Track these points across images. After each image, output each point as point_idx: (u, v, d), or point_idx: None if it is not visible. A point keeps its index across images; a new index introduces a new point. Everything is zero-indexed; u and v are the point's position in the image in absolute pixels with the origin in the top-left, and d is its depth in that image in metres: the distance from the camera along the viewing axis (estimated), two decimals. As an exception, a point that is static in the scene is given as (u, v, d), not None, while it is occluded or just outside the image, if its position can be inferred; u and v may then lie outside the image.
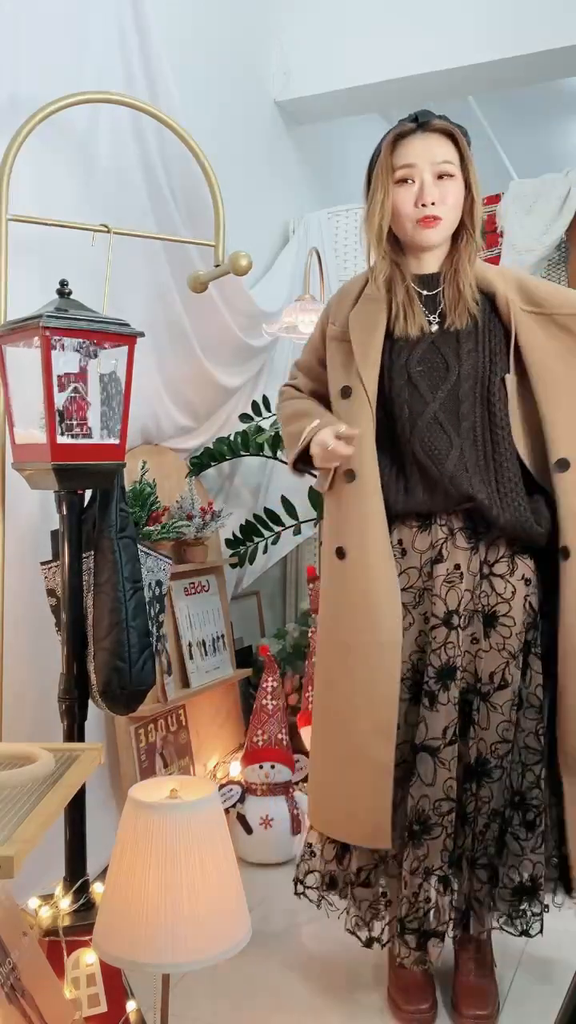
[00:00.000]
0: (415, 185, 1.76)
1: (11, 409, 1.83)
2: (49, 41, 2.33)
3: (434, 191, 1.75)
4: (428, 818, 1.75)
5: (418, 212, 1.76)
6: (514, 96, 4.45)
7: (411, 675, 1.81)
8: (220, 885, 1.28)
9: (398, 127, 1.79)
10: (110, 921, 1.28)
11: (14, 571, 2.15)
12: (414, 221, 1.77)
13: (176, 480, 3.01)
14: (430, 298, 1.83)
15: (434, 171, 1.75)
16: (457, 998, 1.84)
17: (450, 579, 1.77)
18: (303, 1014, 1.87)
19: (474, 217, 1.81)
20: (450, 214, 1.78)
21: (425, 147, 1.75)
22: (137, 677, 1.79)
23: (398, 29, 3.49)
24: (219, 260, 2.50)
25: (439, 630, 1.77)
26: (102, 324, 1.76)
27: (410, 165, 1.76)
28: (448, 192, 1.76)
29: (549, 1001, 1.87)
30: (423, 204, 1.75)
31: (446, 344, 1.80)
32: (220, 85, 3.29)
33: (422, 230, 1.77)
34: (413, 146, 1.76)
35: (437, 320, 1.81)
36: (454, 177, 1.76)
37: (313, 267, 3.21)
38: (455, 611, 1.77)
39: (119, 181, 2.59)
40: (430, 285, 1.83)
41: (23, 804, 1.17)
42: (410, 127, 1.77)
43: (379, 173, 1.80)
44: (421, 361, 1.79)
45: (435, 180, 1.75)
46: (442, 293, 1.82)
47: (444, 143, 1.76)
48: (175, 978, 1.90)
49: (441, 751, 1.76)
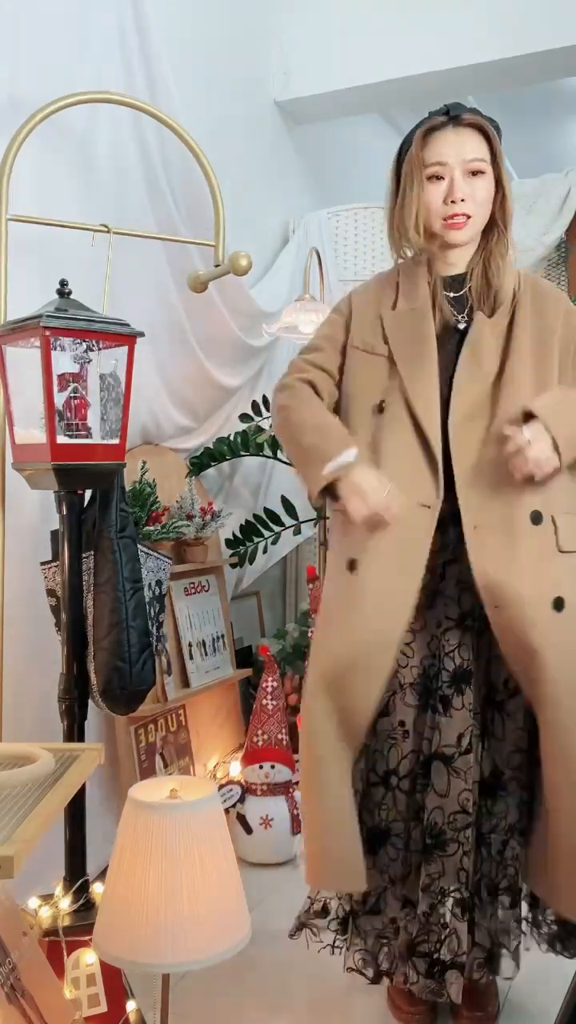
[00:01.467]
0: (445, 182, 1.71)
1: (11, 409, 1.83)
2: (49, 41, 2.33)
3: (464, 188, 1.70)
4: (442, 832, 1.69)
5: (446, 209, 1.71)
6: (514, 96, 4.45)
7: (420, 680, 1.76)
8: (220, 885, 1.28)
9: (429, 120, 1.73)
10: (110, 921, 1.28)
11: (14, 571, 2.15)
12: (442, 218, 1.72)
13: (176, 480, 3.01)
14: (458, 299, 1.79)
15: (465, 168, 1.70)
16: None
17: (463, 581, 1.73)
18: (303, 1014, 1.87)
19: (505, 213, 1.76)
20: (479, 211, 1.73)
21: (457, 143, 1.70)
22: (137, 677, 1.79)
23: (398, 29, 3.49)
24: (219, 260, 2.50)
25: (452, 632, 1.74)
26: (102, 324, 1.76)
27: (441, 163, 1.70)
28: (478, 188, 1.71)
29: (549, 1001, 1.87)
30: (452, 201, 1.70)
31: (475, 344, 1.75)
32: (220, 85, 3.29)
33: (449, 230, 1.73)
34: (445, 141, 1.70)
35: (465, 319, 1.77)
36: (485, 174, 1.72)
37: (313, 267, 3.21)
38: (469, 612, 1.74)
39: (119, 181, 2.59)
40: (457, 286, 1.80)
41: (23, 804, 1.17)
42: (441, 120, 1.72)
43: (410, 168, 1.73)
44: (448, 365, 1.74)
45: (466, 176, 1.71)
46: (469, 291, 1.78)
47: (475, 138, 1.71)
48: (175, 978, 1.90)
49: (456, 760, 1.70)
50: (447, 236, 1.74)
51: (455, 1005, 1.82)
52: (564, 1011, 1.39)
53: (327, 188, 4.21)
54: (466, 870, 1.70)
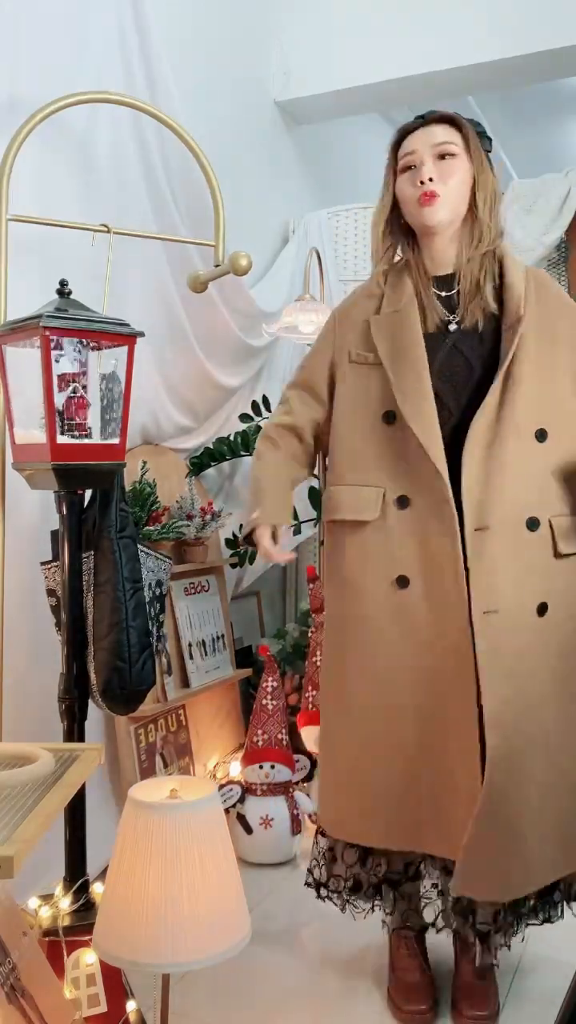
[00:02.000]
0: (416, 168, 1.76)
1: (11, 409, 1.83)
2: (49, 41, 2.33)
3: (433, 169, 1.74)
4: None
5: (416, 191, 1.75)
6: (514, 96, 4.45)
7: None
8: (220, 885, 1.28)
9: (403, 125, 1.81)
10: (110, 921, 1.28)
11: (14, 571, 2.15)
12: (415, 201, 1.75)
13: (176, 480, 3.01)
14: (447, 299, 1.80)
15: (434, 152, 1.75)
16: (457, 998, 1.83)
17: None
18: (303, 1014, 1.87)
19: (477, 202, 1.77)
20: (452, 194, 1.75)
21: (426, 134, 1.76)
22: (137, 677, 1.79)
23: (398, 29, 3.49)
24: (219, 260, 2.50)
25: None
26: (102, 324, 1.76)
27: (411, 152, 1.76)
28: (450, 171, 1.74)
29: (549, 1001, 1.87)
30: (421, 182, 1.74)
31: (467, 344, 1.77)
32: (220, 85, 3.29)
33: (421, 208, 1.75)
34: (415, 136, 1.78)
35: (456, 320, 1.78)
36: (456, 156, 1.75)
37: (313, 267, 3.21)
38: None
39: (119, 181, 2.59)
40: (447, 286, 1.81)
41: (23, 804, 1.17)
42: (414, 124, 1.79)
43: (387, 173, 1.82)
44: (443, 366, 1.76)
45: (436, 160, 1.75)
46: (456, 295, 1.79)
47: (444, 127, 1.77)
48: (175, 978, 1.90)
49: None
50: (421, 216, 1.76)
51: (455, 1005, 1.83)
52: (564, 1011, 1.39)
53: (327, 188, 4.21)
54: None
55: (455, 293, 1.80)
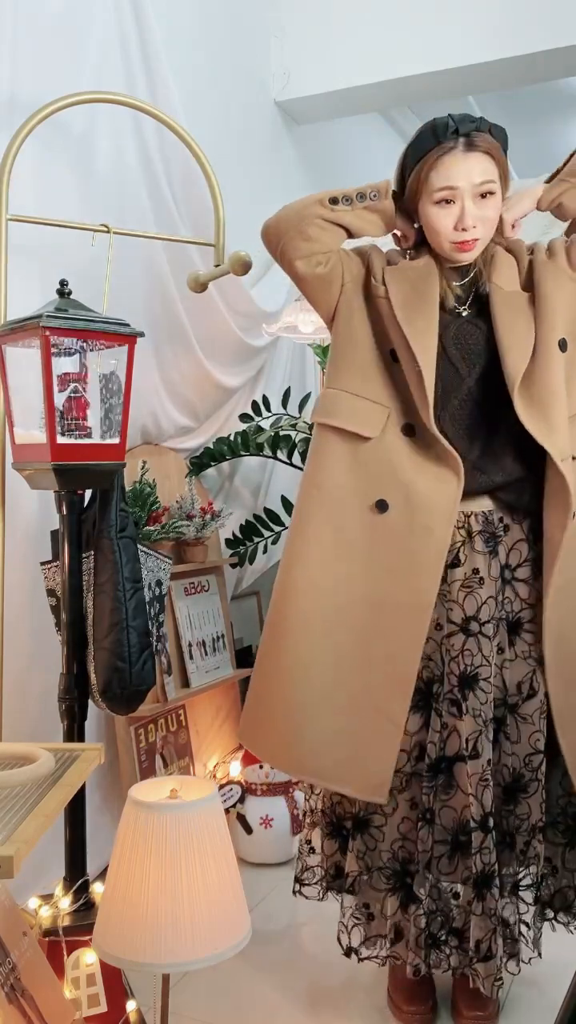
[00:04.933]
0: (455, 206, 1.69)
1: (11, 409, 1.83)
2: (49, 41, 2.33)
3: (476, 212, 1.70)
4: (453, 831, 1.73)
5: (457, 235, 1.71)
6: (514, 96, 4.45)
7: (416, 683, 1.75)
8: (220, 885, 1.28)
9: (442, 145, 1.68)
10: (110, 921, 1.28)
11: (14, 571, 2.15)
12: (451, 243, 1.72)
13: (176, 480, 3.01)
14: (462, 287, 1.79)
15: (475, 192, 1.69)
16: (457, 999, 1.83)
17: (468, 584, 1.74)
18: (303, 1014, 1.87)
19: (504, 217, 1.78)
20: (487, 232, 1.74)
21: (466, 168, 1.67)
22: (137, 677, 1.79)
23: (398, 29, 3.49)
24: (219, 260, 2.50)
25: (456, 637, 1.73)
26: (102, 324, 1.76)
27: (451, 188, 1.68)
28: (488, 208, 1.71)
29: (549, 1001, 1.87)
30: (463, 228, 1.70)
31: (479, 322, 1.76)
32: (220, 85, 3.29)
33: (458, 253, 1.73)
34: (454, 165, 1.67)
35: (468, 309, 1.78)
36: (495, 194, 1.72)
37: (313, 267, 3.20)
38: (474, 617, 1.73)
39: (119, 181, 2.59)
40: (462, 274, 1.80)
41: (23, 804, 1.18)
42: (451, 144, 1.67)
43: (418, 189, 1.72)
44: (457, 334, 1.75)
45: (476, 200, 1.69)
46: (468, 283, 1.79)
47: (485, 162, 1.69)
48: (175, 978, 1.90)
49: (465, 763, 1.70)
50: (455, 258, 1.75)
51: (455, 1005, 1.83)
52: (564, 1011, 1.39)
53: (327, 188, 4.20)
54: (469, 870, 1.70)
55: (467, 283, 1.79)
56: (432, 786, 1.73)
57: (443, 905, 1.78)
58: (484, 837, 1.68)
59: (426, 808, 1.72)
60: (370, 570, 1.73)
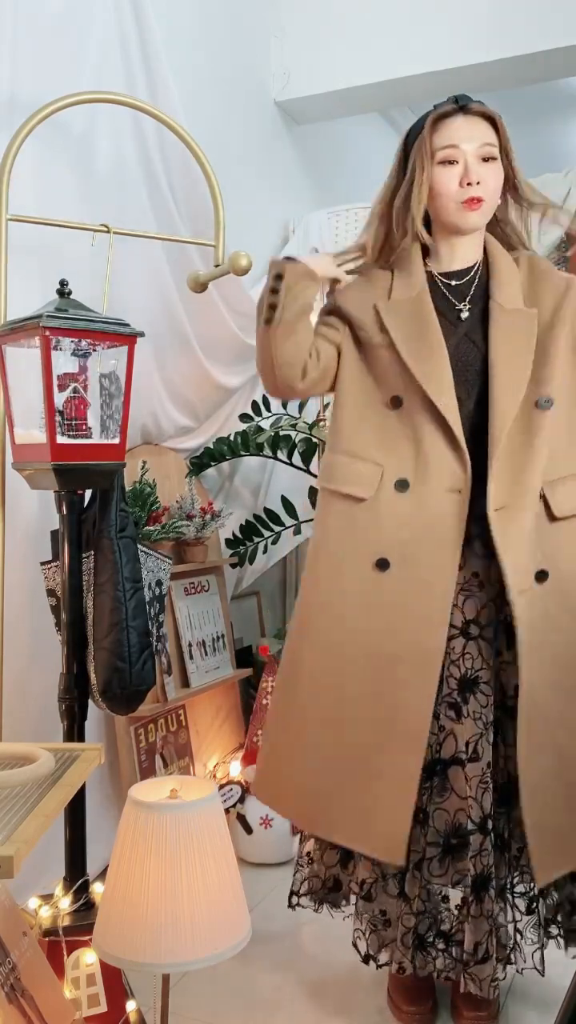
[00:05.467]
0: (459, 166, 1.69)
1: (11, 409, 1.83)
2: (49, 41, 2.33)
3: (479, 171, 1.69)
4: (449, 835, 1.72)
5: (463, 193, 1.69)
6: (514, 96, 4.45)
7: None
8: (220, 885, 1.28)
9: (438, 108, 1.71)
10: (110, 921, 1.28)
11: (14, 571, 2.15)
12: (458, 202, 1.70)
13: (176, 480, 3.01)
14: (458, 287, 1.78)
15: (478, 153, 1.69)
16: (457, 999, 1.83)
17: (467, 587, 1.74)
18: (303, 1014, 1.87)
19: (507, 205, 1.77)
20: (492, 198, 1.72)
21: (468, 128, 1.69)
22: (137, 677, 1.79)
23: (398, 29, 3.49)
24: (219, 260, 2.50)
25: (456, 640, 1.73)
26: (102, 324, 1.76)
27: (454, 146, 1.68)
28: (490, 175, 1.71)
29: (549, 1001, 1.87)
30: (468, 183, 1.68)
31: (477, 333, 1.75)
32: (220, 85, 3.29)
33: (466, 212, 1.70)
34: (456, 127, 1.69)
35: (468, 307, 1.77)
36: (496, 160, 1.71)
37: (313, 267, 3.20)
38: (474, 620, 1.73)
39: (119, 181, 2.59)
40: (457, 275, 1.78)
41: (23, 804, 1.17)
42: (451, 108, 1.71)
43: (419, 155, 1.71)
44: (455, 354, 1.73)
45: (479, 162, 1.70)
46: (467, 283, 1.77)
47: (485, 125, 1.71)
48: (175, 978, 1.90)
49: (465, 766, 1.70)
50: (463, 220, 1.72)
51: (455, 1005, 1.82)
52: (564, 1011, 1.39)
53: (327, 188, 4.21)
54: (462, 873, 1.70)
55: (465, 282, 1.78)
56: (428, 787, 1.73)
57: (432, 907, 1.76)
58: (483, 839, 1.67)
59: (420, 809, 1.72)
60: (376, 628, 1.72)
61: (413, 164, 1.72)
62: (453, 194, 1.70)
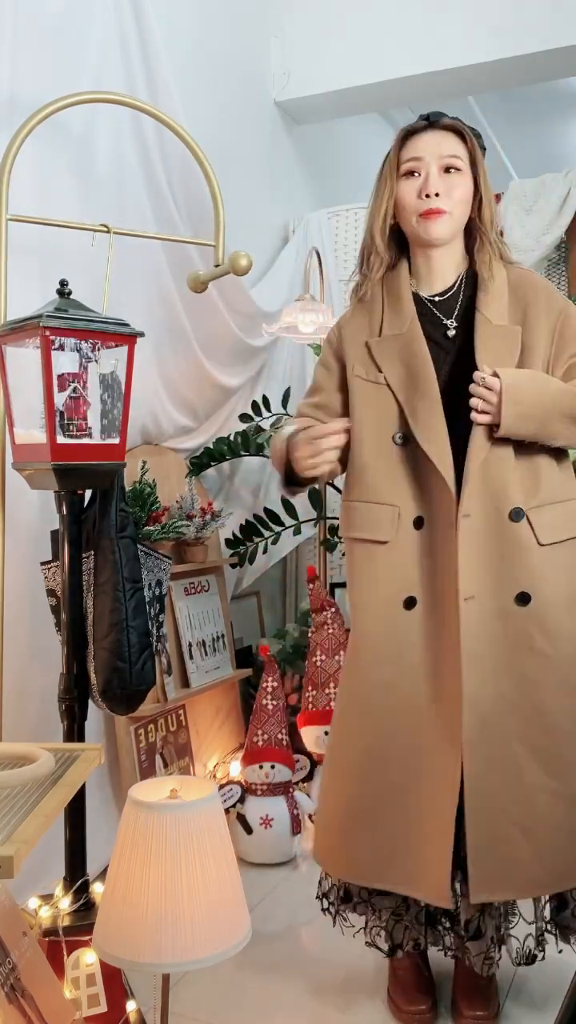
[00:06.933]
0: (420, 178, 1.72)
1: (11, 409, 1.83)
2: (49, 41, 2.33)
3: (439, 183, 1.70)
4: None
5: (421, 204, 1.71)
6: (514, 96, 4.45)
7: None
8: (220, 885, 1.28)
9: (408, 125, 1.77)
10: (110, 921, 1.28)
11: (14, 571, 2.15)
12: (417, 214, 1.72)
13: (176, 480, 3.01)
14: (445, 303, 1.78)
15: (440, 164, 1.71)
16: (457, 998, 1.83)
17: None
18: (303, 1014, 1.87)
19: (482, 216, 1.76)
20: (456, 209, 1.73)
21: (433, 141, 1.73)
22: (137, 677, 1.79)
23: (398, 29, 3.49)
24: (219, 260, 2.50)
25: None
26: (102, 324, 1.76)
27: (417, 158, 1.72)
28: (454, 185, 1.72)
29: (549, 1001, 1.87)
30: (427, 195, 1.71)
31: (468, 348, 1.73)
32: (220, 85, 3.29)
33: (425, 222, 1.72)
34: (421, 141, 1.73)
35: (455, 324, 1.77)
36: (461, 172, 1.72)
37: (313, 267, 3.21)
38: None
39: (119, 181, 2.59)
40: (442, 292, 1.79)
41: (23, 804, 1.18)
42: (420, 124, 1.75)
43: (386, 170, 1.76)
44: (450, 379, 1.72)
45: (441, 173, 1.71)
46: (452, 298, 1.77)
47: (452, 138, 1.73)
48: (175, 978, 1.90)
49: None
50: (422, 230, 1.73)
51: (455, 1005, 1.83)
52: (564, 1011, 1.39)
53: (327, 188, 4.21)
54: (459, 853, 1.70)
55: (450, 297, 1.78)
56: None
57: None
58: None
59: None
60: (407, 671, 1.72)
61: (381, 180, 1.76)
62: (413, 205, 1.73)
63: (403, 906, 1.82)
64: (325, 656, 2.87)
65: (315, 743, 2.85)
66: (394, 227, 1.79)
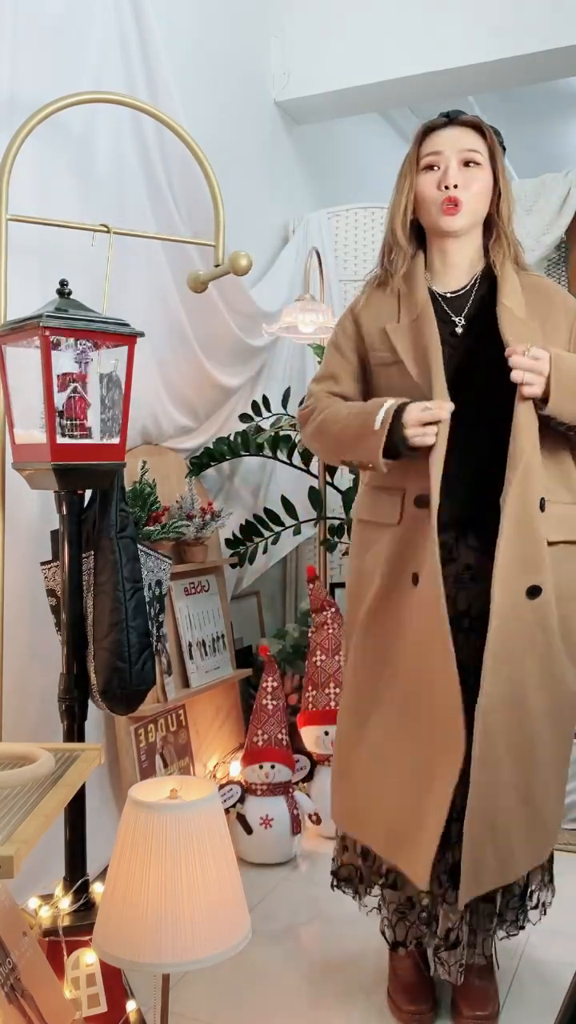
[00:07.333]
0: (440, 171, 1.75)
1: (11, 409, 1.83)
2: (49, 41, 2.33)
3: (458, 175, 1.73)
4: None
5: (440, 195, 1.74)
6: (514, 96, 4.45)
7: None
8: (220, 885, 1.28)
9: (428, 122, 1.79)
10: (110, 921, 1.28)
11: (14, 571, 2.15)
12: (437, 205, 1.75)
13: (176, 480, 3.01)
14: (456, 299, 1.79)
15: (460, 158, 1.74)
16: (457, 998, 1.83)
17: (461, 579, 1.74)
18: (303, 1014, 1.87)
19: (500, 211, 1.78)
20: (474, 202, 1.75)
21: (453, 136, 1.76)
22: (137, 677, 1.79)
23: (398, 29, 3.49)
24: (219, 260, 2.50)
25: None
26: (102, 324, 1.76)
27: (436, 152, 1.75)
28: (473, 179, 1.74)
29: (549, 1001, 1.87)
30: (446, 186, 1.73)
31: (479, 343, 1.74)
32: (220, 85, 3.29)
33: (444, 215, 1.74)
34: (441, 136, 1.76)
35: (463, 323, 1.77)
36: (480, 166, 1.75)
37: (313, 267, 3.21)
38: (465, 612, 1.73)
39: (119, 181, 2.59)
40: (455, 290, 1.80)
41: (23, 804, 1.18)
42: (440, 121, 1.78)
43: (406, 167, 1.79)
44: (459, 367, 1.73)
45: (460, 167, 1.74)
46: (466, 295, 1.78)
47: (472, 134, 1.76)
48: (175, 978, 1.90)
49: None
50: (443, 223, 1.75)
51: (455, 1005, 1.83)
52: (564, 1011, 1.39)
53: (327, 188, 4.21)
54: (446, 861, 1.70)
55: (462, 295, 1.79)
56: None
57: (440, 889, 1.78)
58: (460, 828, 1.68)
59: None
60: (409, 647, 1.72)
61: (401, 175, 1.79)
62: (432, 197, 1.75)
63: (407, 904, 1.82)
64: (325, 656, 2.87)
65: (315, 743, 2.85)
66: (414, 221, 1.82)
